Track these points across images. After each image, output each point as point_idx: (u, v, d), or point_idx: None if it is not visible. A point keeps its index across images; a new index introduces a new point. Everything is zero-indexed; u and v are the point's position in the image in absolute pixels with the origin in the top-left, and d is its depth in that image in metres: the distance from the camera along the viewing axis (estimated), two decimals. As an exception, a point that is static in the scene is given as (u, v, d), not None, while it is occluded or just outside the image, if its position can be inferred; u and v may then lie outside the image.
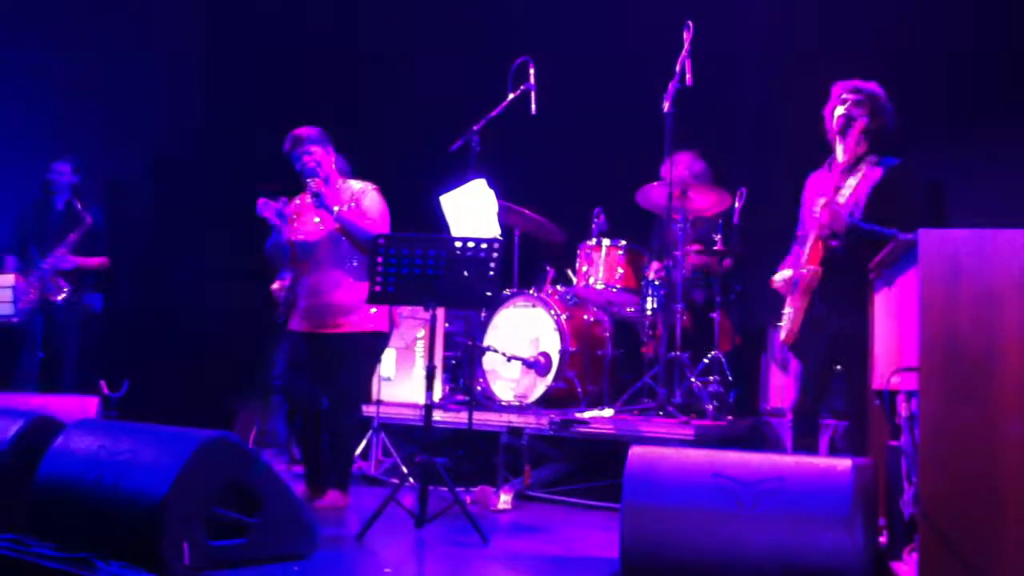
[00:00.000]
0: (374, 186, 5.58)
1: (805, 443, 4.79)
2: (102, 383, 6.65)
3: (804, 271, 4.67)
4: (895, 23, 6.76)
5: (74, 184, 7.28)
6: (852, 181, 4.62)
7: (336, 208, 5.41)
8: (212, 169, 8.09)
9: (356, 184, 5.59)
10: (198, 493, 3.73)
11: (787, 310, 4.84)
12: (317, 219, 5.50)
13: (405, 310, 6.71)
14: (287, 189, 5.67)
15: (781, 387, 6.48)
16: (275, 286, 6.80)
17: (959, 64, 6.43)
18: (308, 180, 5.46)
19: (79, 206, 7.16)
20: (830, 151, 4.94)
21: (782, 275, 4.89)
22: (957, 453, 3.23)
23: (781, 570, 3.43)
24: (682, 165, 6.38)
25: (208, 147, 8.22)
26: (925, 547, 3.24)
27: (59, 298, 7.01)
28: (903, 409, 3.65)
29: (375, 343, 5.55)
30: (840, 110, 4.77)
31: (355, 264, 5.44)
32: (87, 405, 5.62)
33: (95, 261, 7.23)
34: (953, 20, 6.46)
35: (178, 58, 8.21)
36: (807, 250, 4.69)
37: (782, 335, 4.89)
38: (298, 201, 5.65)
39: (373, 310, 5.45)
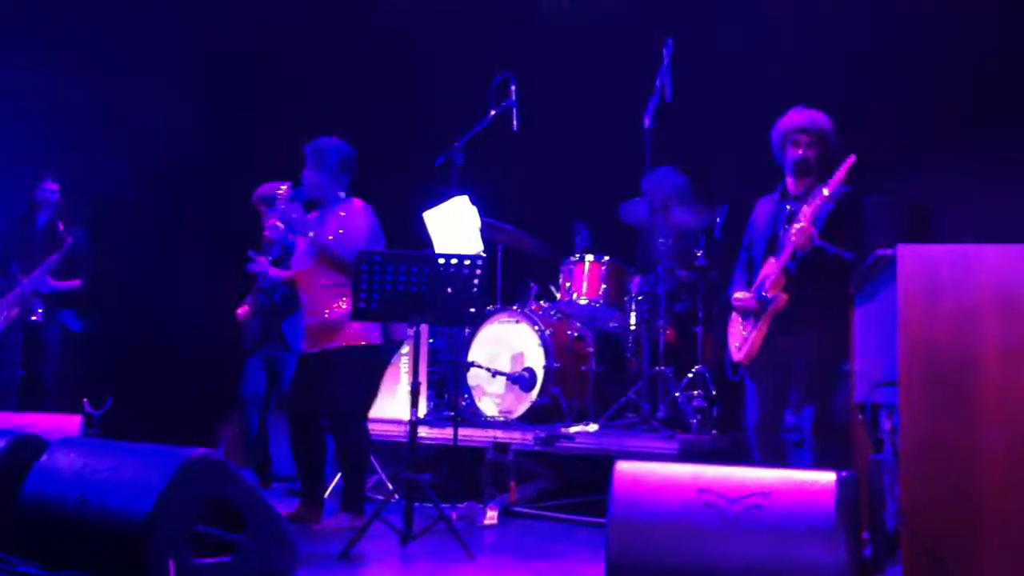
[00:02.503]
0: (361, 203, 5.55)
1: (772, 460, 4.81)
2: (85, 401, 6.62)
3: (772, 296, 4.68)
4: (876, 40, 6.81)
5: (58, 203, 7.25)
6: (807, 209, 4.65)
7: (311, 233, 5.37)
8: (196, 188, 8.09)
9: (349, 205, 5.55)
10: (182, 511, 3.72)
11: (743, 332, 4.86)
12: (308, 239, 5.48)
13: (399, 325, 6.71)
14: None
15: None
16: (240, 311, 6.79)
17: (940, 82, 6.48)
18: (290, 201, 5.42)
19: (61, 226, 7.13)
20: None
21: (744, 295, 4.90)
22: (938, 467, 3.25)
23: (766, 584, 3.45)
24: (662, 179, 6.41)
25: (193, 167, 8.21)
26: (908, 560, 3.26)
27: (32, 318, 6.98)
28: (885, 423, 3.68)
29: (369, 357, 5.47)
30: (795, 153, 4.83)
31: (343, 282, 5.40)
32: (70, 423, 5.60)
33: (70, 284, 7.19)
34: (935, 37, 6.52)
35: (164, 74, 8.20)
36: (772, 276, 4.71)
37: (738, 355, 4.91)
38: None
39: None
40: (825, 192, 4.55)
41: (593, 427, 6.02)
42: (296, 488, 5.76)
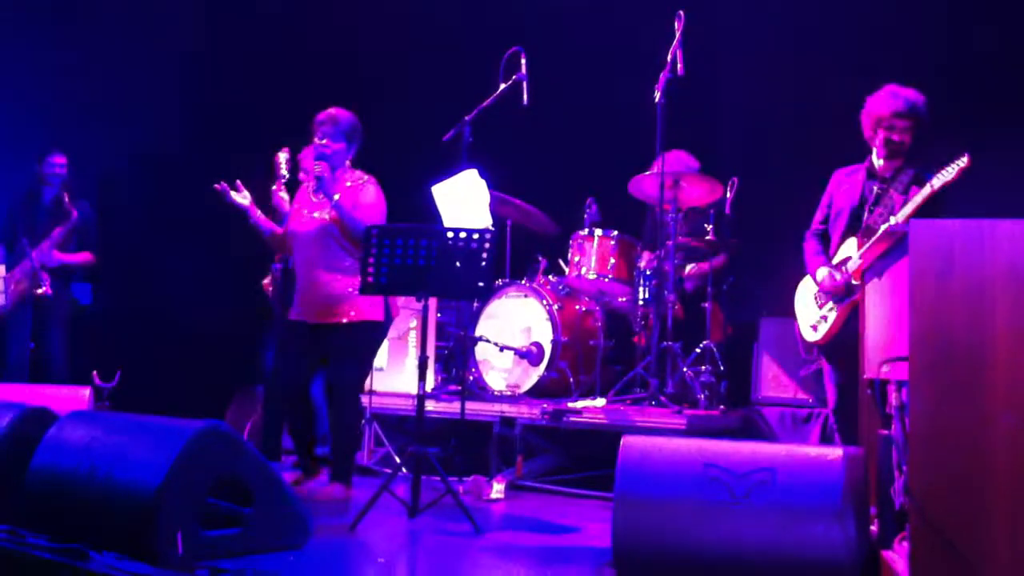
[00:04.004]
0: (371, 178, 5.56)
1: (854, 442, 4.79)
2: (94, 374, 6.63)
3: (858, 283, 4.67)
4: (887, 15, 6.77)
5: (65, 178, 7.24)
6: (895, 194, 4.62)
7: (336, 196, 5.38)
8: (205, 162, 8.07)
9: (356, 176, 5.56)
10: (191, 484, 3.73)
11: (822, 313, 4.83)
12: (316, 213, 5.47)
13: (401, 300, 6.73)
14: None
15: (773, 377, 6.49)
16: (266, 281, 6.81)
17: (952, 59, 6.44)
18: (315, 161, 5.45)
19: (67, 200, 7.12)
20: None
21: (830, 274, 4.85)
22: (947, 444, 3.24)
23: (772, 560, 3.45)
24: (674, 161, 6.39)
25: (201, 140, 8.20)
26: (916, 536, 3.25)
27: (39, 292, 6.96)
28: (893, 398, 3.67)
29: (372, 333, 5.53)
30: (891, 136, 4.77)
31: (351, 255, 5.42)
32: (79, 396, 5.62)
33: (80, 257, 7.18)
34: (946, 16, 6.48)
35: (172, 52, 8.18)
36: (855, 262, 4.69)
37: (815, 335, 4.88)
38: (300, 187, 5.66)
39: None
40: (936, 184, 4.43)
41: (600, 402, 6.02)
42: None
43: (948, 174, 4.37)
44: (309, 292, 5.48)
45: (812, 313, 4.93)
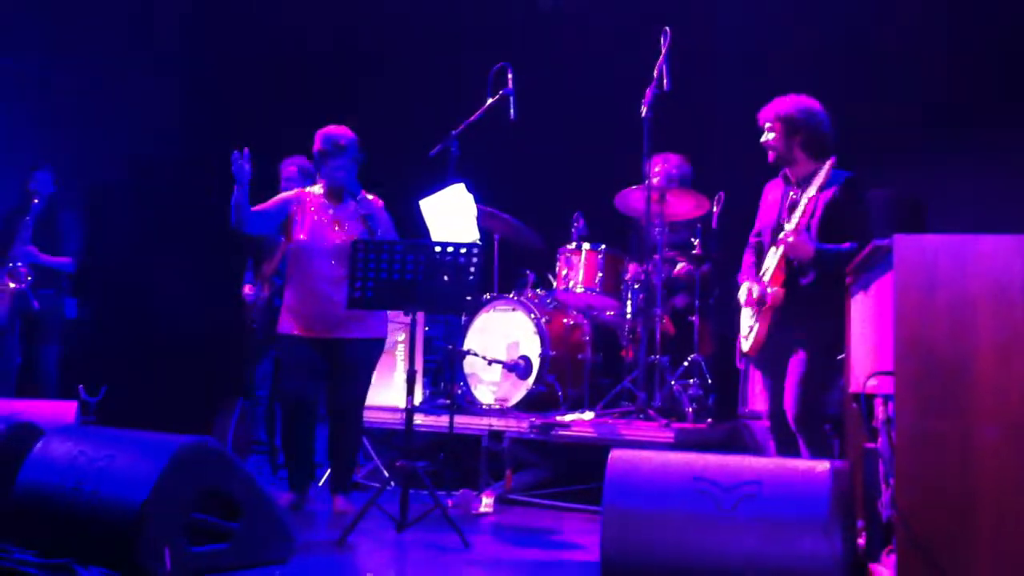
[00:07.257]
0: (376, 198, 5.61)
1: (787, 447, 4.81)
2: (80, 388, 6.61)
3: (771, 291, 4.68)
4: (874, 28, 6.81)
5: (53, 194, 7.22)
6: (804, 198, 4.64)
7: (380, 230, 5.43)
8: (193, 174, 8.08)
9: (369, 197, 5.59)
10: (177, 499, 3.73)
11: (750, 323, 4.85)
12: (339, 228, 5.49)
13: (388, 314, 6.72)
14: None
15: (760, 391, 6.50)
16: (247, 290, 6.80)
17: (936, 71, 6.48)
18: (354, 198, 5.49)
19: (42, 205, 7.10)
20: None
21: (746, 288, 4.90)
22: (933, 458, 3.25)
23: (759, 573, 3.45)
24: (670, 164, 6.42)
25: (189, 152, 8.19)
26: (902, 549, 3.26)
27: (21, 285, 6.92)
28: (880, 412, 3.68)
29: (379, 349, 5.64)
30: (762, 141, 4.87)
31: None
32: (65, 410, 5.60)
33: (56, 260, 7.13)
34: (930, 27, 6.52)
35: (161, 62, 8.19)
36: (771, 269, 4.71)
37: (744, 346, 4.91)
38: (308, 201, 5.61)
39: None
40: (812, 192, 4.55)
41: (589, 415, 6.02)
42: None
43: (819, 178, 4.54)
44: (326, 306, 5.44)
45: (745, 323, 4.96)
